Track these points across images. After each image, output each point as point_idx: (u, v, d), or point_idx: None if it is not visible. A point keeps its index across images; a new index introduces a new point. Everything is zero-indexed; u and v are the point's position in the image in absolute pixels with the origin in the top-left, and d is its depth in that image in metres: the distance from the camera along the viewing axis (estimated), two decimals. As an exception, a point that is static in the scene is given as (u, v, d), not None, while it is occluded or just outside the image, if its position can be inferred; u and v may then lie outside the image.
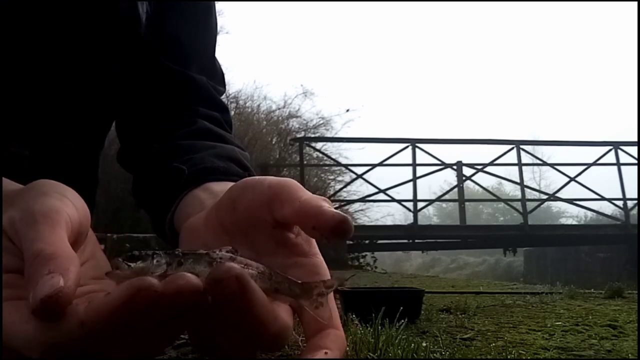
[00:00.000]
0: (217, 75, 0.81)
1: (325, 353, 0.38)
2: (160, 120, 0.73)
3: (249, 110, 11.63)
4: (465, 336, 1.10)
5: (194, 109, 0.74)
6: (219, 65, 0.83)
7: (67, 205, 0.38)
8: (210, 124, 0.73)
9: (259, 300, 0.34)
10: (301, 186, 0.44)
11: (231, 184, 0.58)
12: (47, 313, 0.30)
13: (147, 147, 0.71)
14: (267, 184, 0.44)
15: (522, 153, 9.14)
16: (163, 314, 0.31)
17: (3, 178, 0.45)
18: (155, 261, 0.35)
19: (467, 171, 9.23)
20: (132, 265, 0.35)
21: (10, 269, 0.36)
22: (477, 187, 10.88)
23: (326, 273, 0.44)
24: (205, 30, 0.80)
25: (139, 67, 0.73)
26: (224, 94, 0.84)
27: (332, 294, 0.42)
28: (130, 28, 0.69)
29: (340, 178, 10.85)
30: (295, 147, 9.85)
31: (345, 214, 0.39)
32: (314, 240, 0.46)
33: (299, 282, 0.39)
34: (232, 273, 0.32)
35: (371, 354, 0.79)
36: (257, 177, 0.47)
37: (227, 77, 0.86)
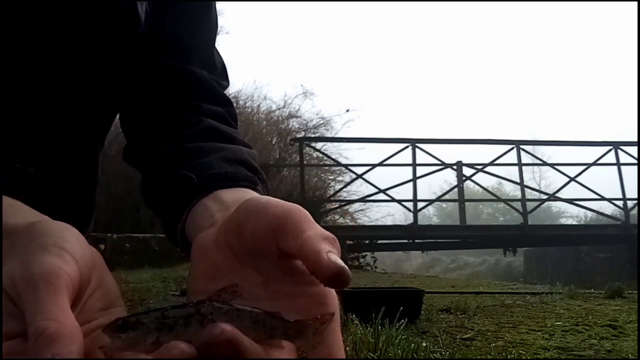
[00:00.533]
0: (218, 69, 0.80)
1: None
2: (164, 119, 0.73)
3: (249, 110, 11.64)
4: (465, 336, 1.10)
5: (197, 106, 0.73)
6: (220, 58, 0.81)
7: (67, 262, 0.38)
8: (215, 121, 0.71)
9: (251, 355, 0.34)
10: (307, 215, 0.42)
11: (241, 190, 0.57)
12: None
13: (153, 149, 0.71)
14: (271, 212, 0.43)
15: (522, 153, 9.14)
16: None
17: (4, 196, 0.44)
18: (146, 328, 0.35)
19: (467, 171, 9.23)
20: (123, 336, 0.35)
21: (14, 334, 0.36)
22: (477, 187, 10.89)
23: (334, 302, 0.42)
24: (205, 25, 0.78)
25: (139, 66, 0.73)
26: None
27: (339, 330, 0.41)
28: (130, 28, 0.69)
29: (340, 178, 10.87)
30: (295, 147, 9.85)
31: (342, 265, 0.37)
32: None
33: (293, 322, 0.37)
34: (223, 337, 0.33)
35: (371, 354, 0.80)
36: (263, 200, 0.45)
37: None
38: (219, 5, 0.85)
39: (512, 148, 9.10)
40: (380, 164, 8.81)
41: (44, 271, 0.37)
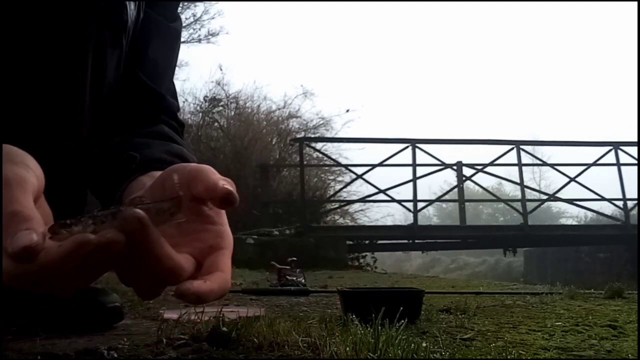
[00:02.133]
0: (175, 95, 0.93)
1: (204, 281, 0.48)
2: (127, 126, 0.82)
3: (249, 110, 11.62)
4: (465, 336, 1.10)
5: (159, 118, 0.85)
6: (174, 88, 0.95)
7: (31, 175, 0.49)
8: (170, 129, 0.84)
9: (155, 237, 0.44)
10: (214, 171, 0.55)
11: None
12: (24, 258, 0.40)
13: (108, 139, 0.80)
14: (188, 168, 0.56)
15: (522, 153, 9.13)
16: (97, 259, 0.42)
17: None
18: (84, 223, 0.44)
19: (467, 171, 9.22)
20: (66, 231, 0.43)
21: None
22: (477, 187, 10.88)
23: (228, 237, 0.55)
24: (175, 57, 0.92)
25: (124, 73, 0.81)
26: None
27: (229, 257, 0.53)
28: (121, 30, 0.74)
29: (340, 178, 10.85)
30: (295, 147, 9.84)
31: (231, 189, 0.52)
32: (224, 213, 0.57)
33: (165, 202, 0.51)
34: (135, 215, 0.43)
35: (371, 354, 0.80)
36: (183, 163, 0.59)
37: (227, 77, 0.95)
38: (219, 5, 0.96)
39: (512, 148, 9.09)
40: (380, 164, 8.80)
41: (16, 176, 0.46)
